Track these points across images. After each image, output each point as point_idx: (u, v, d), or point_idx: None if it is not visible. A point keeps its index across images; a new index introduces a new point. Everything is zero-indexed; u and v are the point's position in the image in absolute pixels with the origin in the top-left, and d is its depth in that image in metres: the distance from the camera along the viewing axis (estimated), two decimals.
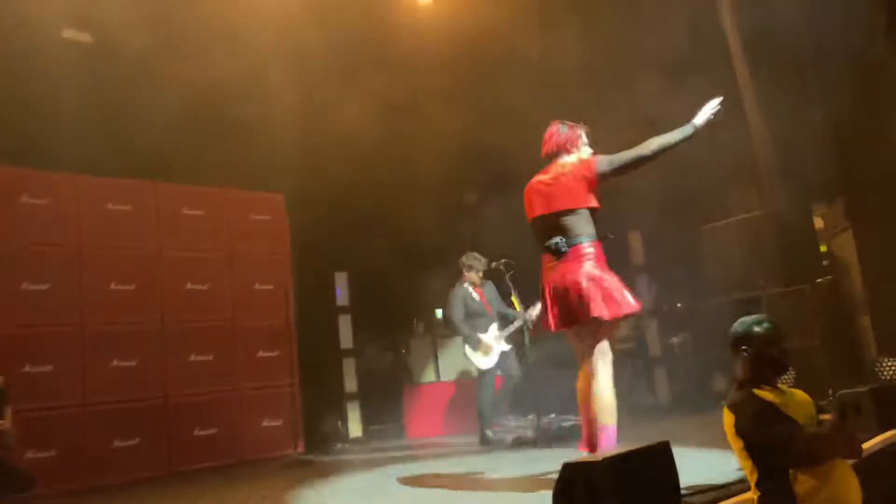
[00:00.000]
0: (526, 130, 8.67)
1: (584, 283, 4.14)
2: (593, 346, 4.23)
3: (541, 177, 4.50)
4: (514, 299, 7.53)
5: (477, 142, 8.39)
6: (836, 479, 2.87)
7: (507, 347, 7.48)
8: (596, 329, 4.21)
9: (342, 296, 8.74)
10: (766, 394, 3.00)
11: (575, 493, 2.86)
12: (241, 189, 8.18)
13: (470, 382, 8.44)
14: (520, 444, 6.72)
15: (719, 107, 4.22)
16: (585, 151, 4.46)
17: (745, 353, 3.12)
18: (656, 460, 3.07)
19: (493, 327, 7.51)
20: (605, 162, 4.26)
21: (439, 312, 9.44)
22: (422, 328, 8.92)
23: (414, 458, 6.95)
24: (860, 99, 6.64)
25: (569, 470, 2.93)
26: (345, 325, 8.69)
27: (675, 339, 8.97)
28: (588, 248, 4.25)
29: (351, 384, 8.60)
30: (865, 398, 4.65)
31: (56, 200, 6.85)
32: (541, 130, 4.61)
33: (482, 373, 7.42)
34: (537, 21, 8.04)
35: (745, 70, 7.63)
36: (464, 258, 7.60)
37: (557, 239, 4.27)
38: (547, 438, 6.45)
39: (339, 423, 8.45)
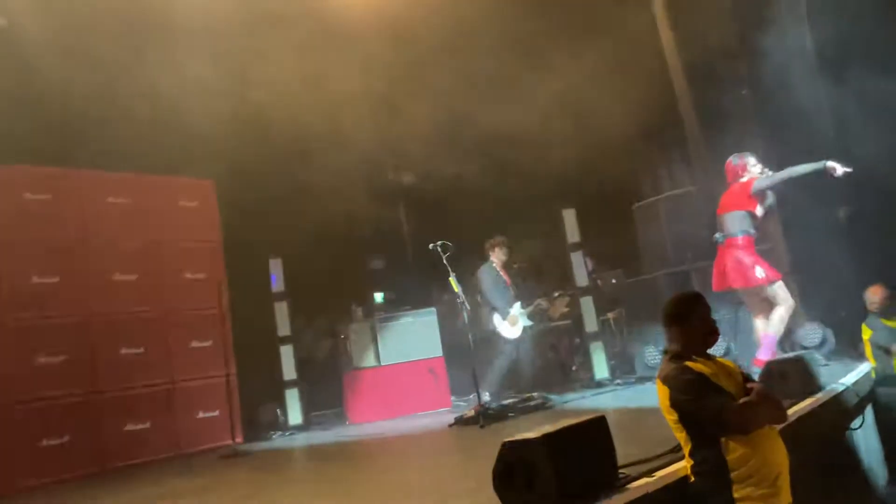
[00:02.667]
0: (460, 110, 8.69)
1: (730, 265, 6.12)
2: (759, 302, 6.23)
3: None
4: (452, 280, 7.51)
5: (410, 122, 8.30)
6: (764, 445, 2.98)
7: (529, 323, 8.06)
8: (754, 295, 6.24)
9: (277, 282, 8.56)
10: (697, 365, 3.07)
11: (514, 471, 2.88)
12: (168, 175, 7.93)
13: (410, 365, 8.43)
14: (461, 423, 6.74)
15: (845, 170, 5.68)
16: (754, 171, 6.26)
17: (676, 326, 3.19)
18: (593, 434, 3.10)
19: (517, 304, 8.00)
20: (756, 185, 6.12)
21: (378, 296, 9.35)
22: (360, 312, 8.81)
23: (356, 444, 6.91)
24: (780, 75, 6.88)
25: (508, 448, 2.94)
26: (281, 311, 8.50)
27: (610, 315, 9.12)
28: (739, 240, 6.11)
29: (290, 371, 8.44)
30: (790, 365, 4.82)
31: None
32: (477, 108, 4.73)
33: (505, 342, 7.89)
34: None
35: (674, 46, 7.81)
36: (492, 239, 8.17)
37: (718, 234, 6.29)
38: (488, 417, 6.48)
39: (279, 411, 8.32)
